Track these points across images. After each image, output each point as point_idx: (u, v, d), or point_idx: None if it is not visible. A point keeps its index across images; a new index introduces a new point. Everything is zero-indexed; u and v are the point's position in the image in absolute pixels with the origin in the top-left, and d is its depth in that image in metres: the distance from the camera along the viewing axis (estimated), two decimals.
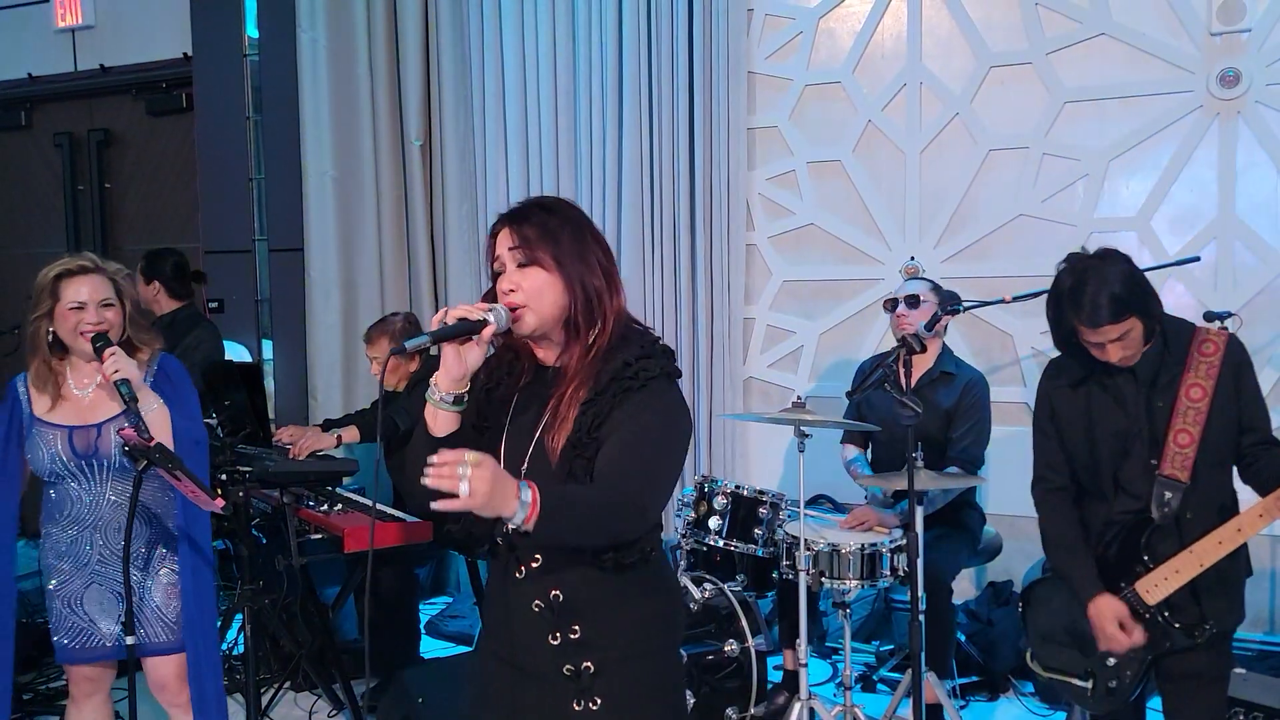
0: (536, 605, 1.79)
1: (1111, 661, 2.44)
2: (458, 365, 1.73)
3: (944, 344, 3.76)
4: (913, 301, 3.63)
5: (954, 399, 3.61)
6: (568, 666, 1.79)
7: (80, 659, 2.69)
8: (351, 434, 3.95)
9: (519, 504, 1.57)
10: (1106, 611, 2.40)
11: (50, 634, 2.70)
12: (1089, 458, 2.48)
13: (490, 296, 1.80)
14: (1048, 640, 2.59)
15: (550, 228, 1.79)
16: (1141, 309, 2.34)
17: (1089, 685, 2.48)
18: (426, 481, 1.53)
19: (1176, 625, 2.37)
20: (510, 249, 1.78)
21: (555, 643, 1.79)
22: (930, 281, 3.77)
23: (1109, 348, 2.36)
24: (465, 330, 1.71)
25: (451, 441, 1.74)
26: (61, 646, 2.69)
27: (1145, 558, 2.39)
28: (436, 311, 1.80)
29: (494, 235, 1.83)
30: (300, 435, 4.02)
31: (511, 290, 1.77)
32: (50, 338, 2.63)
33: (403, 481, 1.81)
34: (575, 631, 1.79)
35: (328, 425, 4.31)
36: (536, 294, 1.76)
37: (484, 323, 1.71)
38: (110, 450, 2.61)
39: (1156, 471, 2.37)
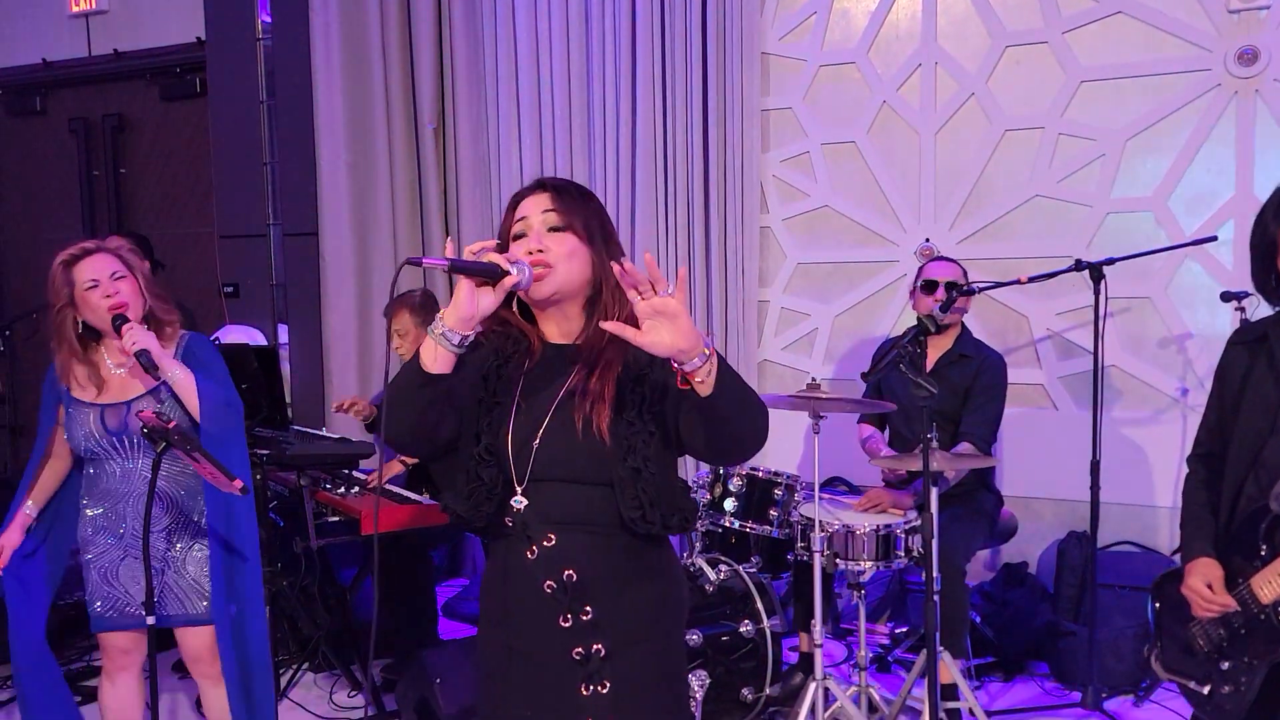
0: (549, 586, 1.75)
1: (1225, 666, 2.24)
2: (469, 305, 1.64)
3: (964, 326, 3.76)
4: (929, 287, 3.64)
5: (970, 378, 3.62)
6: (578, 650, 1.76)
7: (114, 626, 2.76)
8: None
9: (703, 345, 1.55)
10: (1197, 572, 2.23)
11: (86, 604, 2.78)
12: (1233, 427, 2.28)
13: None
14: (1173, 640, 2.40)
15: (589, 203, 1.81)
16: None
17: (1205, 690, 2.32)
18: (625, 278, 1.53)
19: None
20: (545, 211, 1.76)
21: (566, 625, 1.76)
22: (959, 265, 3.74)
23: None
24: (487, 272, 1.63)
25: (444, 382, 1.69)
26: (96, 614, 2.76)
27: (1262, 549, 2.16)
28: (451, 292, 1.74)
29: (520, 200, 1.80)
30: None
31: (540, 250, 1.73)
32: (80, 327, 2.70)
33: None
34: (587, 613, 1.76)
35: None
36: (566, 257, 1.74)
37: (508, 273, 1.65)
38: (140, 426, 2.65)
39: None
